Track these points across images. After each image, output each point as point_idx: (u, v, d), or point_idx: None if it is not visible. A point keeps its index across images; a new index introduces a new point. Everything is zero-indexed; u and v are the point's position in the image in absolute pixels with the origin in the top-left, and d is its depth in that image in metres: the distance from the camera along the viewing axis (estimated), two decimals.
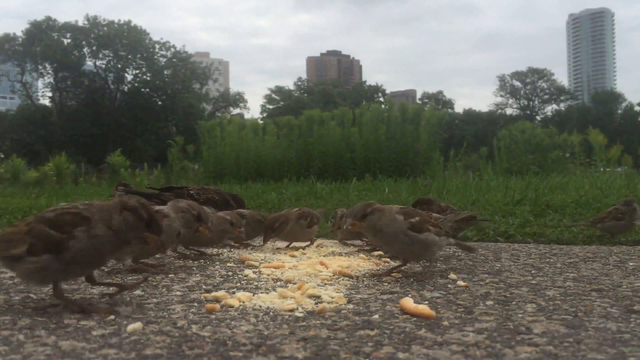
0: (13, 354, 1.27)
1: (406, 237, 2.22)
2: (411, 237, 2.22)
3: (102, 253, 1.69)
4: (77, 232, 1.64)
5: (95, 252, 1.67)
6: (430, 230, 2.27)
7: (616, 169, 12.55)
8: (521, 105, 77.36)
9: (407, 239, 2.22)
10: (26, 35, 51.18)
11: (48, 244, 1.64)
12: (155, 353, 1.28)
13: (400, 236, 2.22)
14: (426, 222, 2.30)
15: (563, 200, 5.02)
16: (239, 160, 13.72)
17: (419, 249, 2.26)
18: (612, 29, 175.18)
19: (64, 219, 1.67)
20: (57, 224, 1.66)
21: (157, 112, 52.33)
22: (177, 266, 2.56)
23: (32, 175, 18.38)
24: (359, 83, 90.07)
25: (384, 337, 1.41)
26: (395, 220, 2.22)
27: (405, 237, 2.22)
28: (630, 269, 2.43)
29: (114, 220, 1.67)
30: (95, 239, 1.65)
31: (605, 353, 1.27)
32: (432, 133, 13.71)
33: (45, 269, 1.64)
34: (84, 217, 1.66)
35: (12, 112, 53.96)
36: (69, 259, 1.63)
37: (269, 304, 1.75)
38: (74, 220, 1.66)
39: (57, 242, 1.63)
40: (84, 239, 1.64)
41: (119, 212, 1.68)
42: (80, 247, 1.63)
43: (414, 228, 2.23)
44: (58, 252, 1.63)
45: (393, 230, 2.22)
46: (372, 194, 6.31)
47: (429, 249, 2.28)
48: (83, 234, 1.64)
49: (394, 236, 2.23)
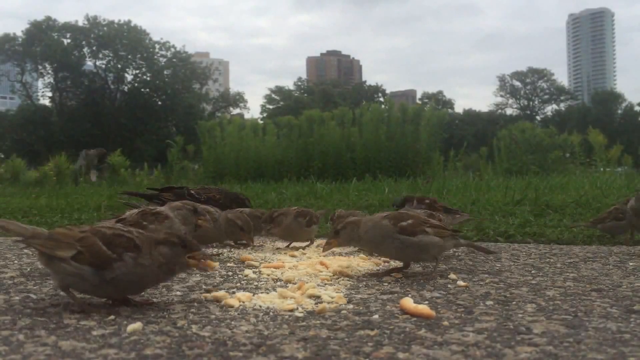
0: (13, 354, 1.27)
1: (396, 241, 2.21)
2: (402, 241, 2.21)
3: (141, 282, 1.71)
4: (125, 257, 1.66)
5: (135, 280, 1.69)
6: (427, 232, 2.25)
7: (616, 169, 12.55)
8: (521, 105, 77.39)
9: (398, 242, 2.21)
10: (26, 35, 51.20)
11: (96, 258, 1.66)
12: (155, 353, 1.28)
13: (388, 241, 2.21)
14: (422, 224, 2.27)
15: (563, 200, 5.02)
16: (239, 160, 13.72)
17: (413, 251, 2.25)
18: (612, 29, 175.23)
19: (118, 241, 1.69)
20: (110, 242, 1.68)
21: (157, 112, 52.36)
22: None
23: (32, 175, 18.36)
24: (359, 83, 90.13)
25: (384, 337, 1.41)
26: (381, 226, 2.22)
27: (395, 240, 2.21)
28: (630, 269, 2.43)
29: (152, 255, 1.69)
30: (140, 268, 1.67)
31: (605, 353, 1.27)
32: (432, 133, 13.70)
33: (83, 280, 1.66)
34: (136, 245, 1.69)
35: (12, 112, 53.97)
36: (109, 278, 1.65)
37: (269, 304, 1.75)
38: (127, 245, 1.68)
39: (105, 259, 1.66)
40: (131, 264, 1.66)
41: (154, 247, 1.70)
42: (124, 271, 1.66)
43: (405, 231, 2.22)
44: (102, 268, 1.65)
45: (378, 236, 2.21)
46: (372, 194, 6.30)
47: (426, 251, 2.26)
48: (131, 260, 1.66)
49: (381, 241, 2.22)
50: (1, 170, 18.72)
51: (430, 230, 2.28)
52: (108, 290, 1.70)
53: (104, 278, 1.65)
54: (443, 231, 2.32)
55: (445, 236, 2.31)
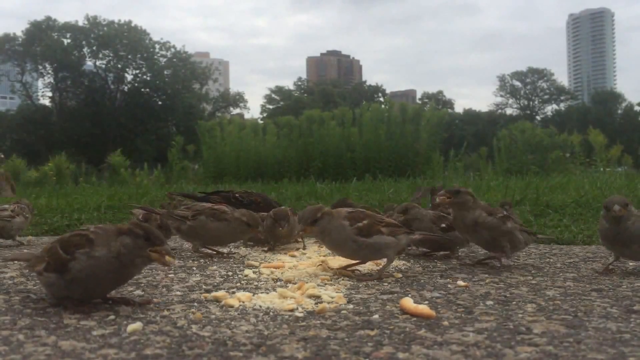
0: (13, 354, 1.27)
1: (354, 244, 2.18)
2: (359, 243, 2.18)
3: (101, 275, 1.67)
4: (77, 254, 1.66)
5: (92, 274, 1.66)
6: (381, 232, 2.23)
7: (616, 169, 12.56)
8: (521, 105, 77.32)
9: (355, 245, 2.18)
10: (26, 35, 51.16)
11: (56, 263, 1.69)
12: (155, 353, 1.28)
13: (348, 243, 2.18)
14: (377, 224, 2.24)
15: (563, 200, 5.02)
16: (239, 160, 13.72)
17: (369, 252, 2.23)
18: (612, 29, 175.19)
19: (73, 240, 1.71)
20: (67, 244, 1.71)
21: (157, 112, 52.32)
22: (177, 266, 2.56)
23: (32, 175, 18.38)
24: (359, 83, 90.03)
25: (384, 337, 1.41)
26: (343, 228, 2.18)
27: (353, 243, 2.18)
28: (630, 269, 2.43)
29: (112, 246, 1.67)
30: (93, 261, 1.65)
31: (605, 353, 1.27)
32: (432, 133, 13.71)
33: (56, 286, 1.71)
34: (89, 240, 1.68)
35: (12, 112, 53.95)
36: (68, 279, 1.67)
37: (269, 304, 1.75)
38: (80, 242, 1.68)
39: (62, 262, 1.68)
40: (84, 260, 1.65)
41: (116, 237, 1.68)
42: (78, 267, 1.65)
43: (361, 232, 2.19)
44: (61, 271, 1.68)
45: (342, 237, 2.18)
46: (372, 194, 6.30)
47: (380, 251, 2.24)
48: (83, 256, 1.66)
49: (343, 242, 2.20)
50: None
51: (385, 229, 2.24)
52: (78, 291, 1.69)
53: (66, 280, 1.67)
54: (397, 230, 2.29)
55: (399, 234, 2.27)
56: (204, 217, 2.78)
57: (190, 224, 2.79)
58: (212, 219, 2.77)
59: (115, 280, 1.73)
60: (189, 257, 2.83)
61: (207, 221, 2.77)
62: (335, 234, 2.19)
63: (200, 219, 2.78)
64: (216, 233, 2.78)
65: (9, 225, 3.35)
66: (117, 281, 1.75)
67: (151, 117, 51.57)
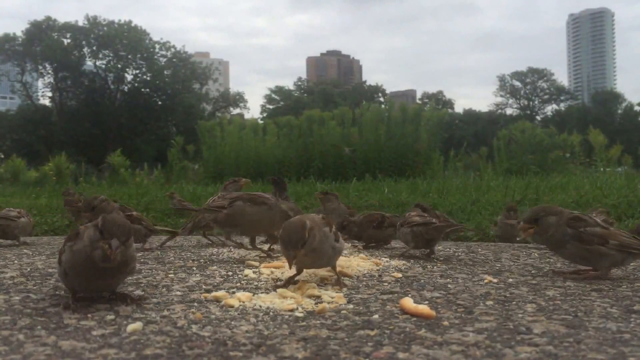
0: (13, 354, 1.27)
1: (332, 250, 2.07)
2: (335, 249, 2.09)
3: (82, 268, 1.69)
4: (65, 247, 1.75)
5: (75, 266, 1.70)
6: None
7: (616, 169, 12.54)
8: (521, 105, 77.31)
9: (333, 251, 2.07)
10: (26, 35, 51.13)
11: (59, 255, 1.80)
12: (155, 353, 1.28)
13: (330, 251, 2.06)
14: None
15: (563, 200, 5.02)
16: (239, 160, 13.72)
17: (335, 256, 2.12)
18: (612, 29, 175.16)
19: (69, 234, 1.79)
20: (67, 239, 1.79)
21: (157, 112, 52.28)
22: (177, 266, 2.56)
23: (32, 175, 18.39)
24: (359, 83, 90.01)
25: (384, 337, 1.41)
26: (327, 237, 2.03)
27: (331, 250, 2.07)
28: (630, 269, 2.43)
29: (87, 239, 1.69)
30: (72, 255, 1.70)
31: (605, 353, 1.27)
32: (432, 133, 13.70)
33: (60, 276, 1.81)
34: (78, 233, 1.74)
35: (12, 112, 53.91)
36: (62, 271, 1.75)
37: (269, 304, 1.75)
38: (71, 235, 1.76)
39: (60, 253, 1.78)
40: (68, 253, 1.73)
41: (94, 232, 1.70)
42: (64, 260, 1.73)
43: (337, 238, 2.10)
44: (60, 263, 1.78)
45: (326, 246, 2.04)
46: (372, 194, 6.30)
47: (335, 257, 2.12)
48: (67, 249, 1.73)
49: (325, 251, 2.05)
50: (1, 170, 18.76)
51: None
52: (73, 283, 1.76)
53: (62, 271, 1.75)
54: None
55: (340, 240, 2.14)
56: (241, 202, 2.74)
57: (227, 212, 2.72)
58: (249, 203, 2.73)
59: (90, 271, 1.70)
60: (189, 257, 2.83)
61: (245, 206, 2.73)
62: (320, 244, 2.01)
63: (237, 205, 2.73)
64: (255, 217, 2.71)
65: (14, 225, 3.44)
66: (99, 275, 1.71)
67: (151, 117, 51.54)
